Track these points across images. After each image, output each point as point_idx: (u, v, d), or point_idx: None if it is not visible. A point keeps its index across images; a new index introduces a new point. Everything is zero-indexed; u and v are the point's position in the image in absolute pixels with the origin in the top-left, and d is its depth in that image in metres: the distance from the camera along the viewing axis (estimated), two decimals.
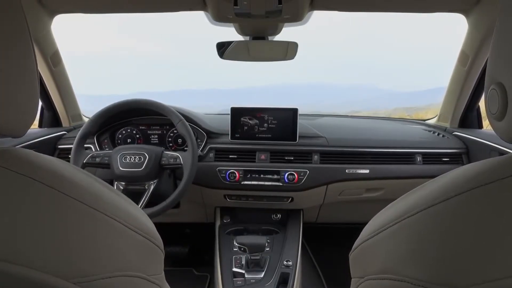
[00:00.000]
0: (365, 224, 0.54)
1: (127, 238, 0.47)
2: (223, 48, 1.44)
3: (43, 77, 1.47)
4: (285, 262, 1.32)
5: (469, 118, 1.60)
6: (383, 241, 0.48)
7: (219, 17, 1.20)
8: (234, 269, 1.30)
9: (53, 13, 1.29)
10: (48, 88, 1.52)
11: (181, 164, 1.30)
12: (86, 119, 1.75)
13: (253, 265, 1.29)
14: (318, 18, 1.40)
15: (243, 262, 1.31)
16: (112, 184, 1.33)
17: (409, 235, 0.42)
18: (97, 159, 1.32)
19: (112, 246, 0.44)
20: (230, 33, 1.43)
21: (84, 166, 1.31)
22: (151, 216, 1.26)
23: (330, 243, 2.01)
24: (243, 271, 1.28)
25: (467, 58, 1.37)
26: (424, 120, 1.87)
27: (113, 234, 0.45)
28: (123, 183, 1.31)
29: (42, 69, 1.44)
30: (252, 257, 1.28)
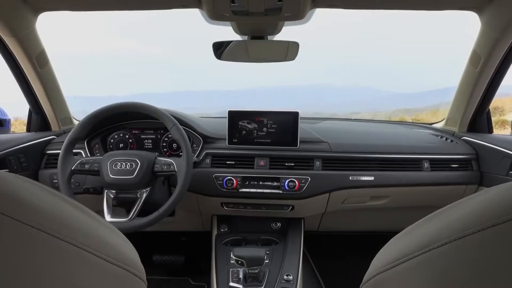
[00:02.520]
0: (369, 233, 0.47)
1: (101, 271, 0.40)
2: (220, 49, 1.38)
3: (29, 79, 1.40)
4: (285, 276, 1.24)
5: (478, 122, 1.53)
6: (401, 276, 0.41)
7: (215, 15, 1.13)
8: (231, 284, 1.22)
9: (38, 11, 1.22)
10: (35, 91, 1.45)
11: (175, 171, 1.23)
12: (77, 123, 1.69)
13: (251, 280, 1.22)
14: (318, 18, 1.34)
15: (241, 276, 1.24)
16: (102, 192, 1.27)
17: (434, 271, 0.36)
18: (86, 166, 1.25)
19: (81, 282, 0.36)
20: (230, 32, 1.37)
21: (72, 173, 1.25)
22: (143, 226, 1.19)
23: (333, 251, 1.94)
24: (241, 286, 1.21)
25: (479, 58, 1.30)
26: (431, 124, 1.80)
27: (82, 267, 0.37)
28: (114, 191, 1.24)
29: (28, 70, 1.36)
30: (250, 271, 1.20)
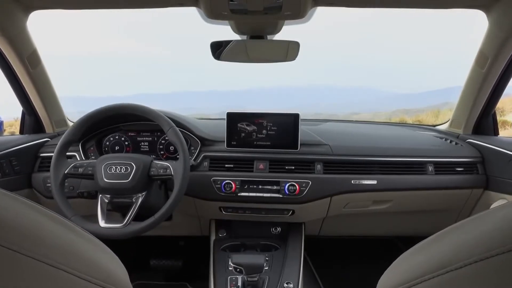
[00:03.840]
0: (372, 237, 0.42)
1: None
2: (219, 49, 1.34)
3: (21, 80, 1.36)
4: (285, 285, 1.20)
5: (484, 124, 1.49)
6: None
7: (213, 14, 1.09)
8: None
9: (29, 9, 1.17)
10: (27, 92, 1.41)
11: (171, 175, 1.19)
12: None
13: None
14: (318, 18, 1.30)
15: (239, 284, 1.20)
16: (96, 197, 1.23)
17: None
18: (80, 170, 1.21)
19: None
20: (229, 32, 1.33)
21: (65, 177, 1.21)
22: (138, 232, 1.16)
23: (334, 256, 1.90)
24: None
25: (486, 59, 1.26)
26: (434, 126, 1.77)
27: None
28: (108, 195, 1.20)
29: (19, 71, 1.32)
30: (249, 279, 1.16)
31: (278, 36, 1.36)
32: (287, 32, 1.33)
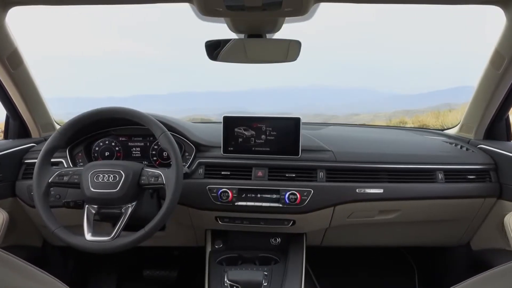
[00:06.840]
0: (378, 247, 0.35)
1: None
2: (216, 49, 1.26)
3: (3, 81, 1.28)
4: None
5: (496, 129, 1.41)
6: None
7: (207, 10, 1.01)
8: None
9: (6, 5, 1.09)
10: (10, 94, 1.33)
11: (163, 183, 1.11)
12: None
13: None
14: (318, 18, 1.22)
15: None
16: (82, 207, 1.14)
17: None
18: (65, 178, 1.13)
19: None
20: (227, 30, 1.24)
21: (49, 186, 1.13)
22: (126, 246, 1.08)
23: (338, 266, 1.82)
24: None
25: (503, 59, 1.17)
26: (442, 130, 1.68)
27: None
28: (95, 206, 1.12)
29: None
30: None
31: (278, 35, 1.28)
32: (287, 31, 1.25)
